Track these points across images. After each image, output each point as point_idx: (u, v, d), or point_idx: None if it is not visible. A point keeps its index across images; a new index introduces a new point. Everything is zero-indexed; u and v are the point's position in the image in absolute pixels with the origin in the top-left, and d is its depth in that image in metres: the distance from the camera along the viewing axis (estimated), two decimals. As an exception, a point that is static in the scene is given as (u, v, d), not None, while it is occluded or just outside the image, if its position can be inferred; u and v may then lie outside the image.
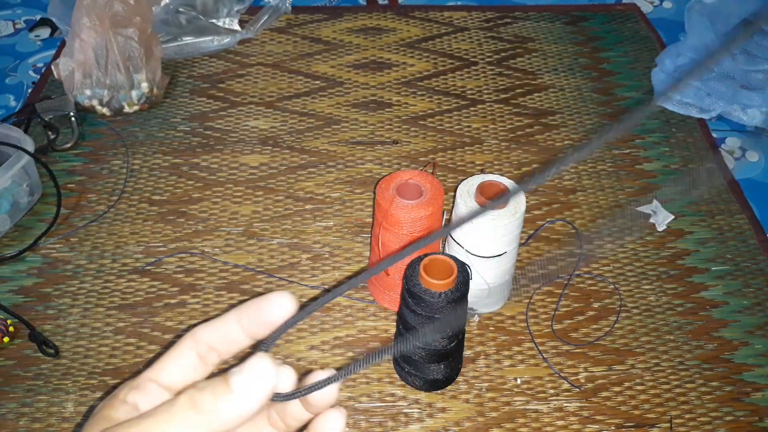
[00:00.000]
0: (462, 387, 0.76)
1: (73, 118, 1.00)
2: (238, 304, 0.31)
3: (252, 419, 0.29)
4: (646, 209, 0.94)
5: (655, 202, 0.94)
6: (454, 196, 0.77)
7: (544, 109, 1.08)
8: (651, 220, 0.93)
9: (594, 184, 0.98)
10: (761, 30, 1.12)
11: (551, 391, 0.76)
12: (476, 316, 0.82)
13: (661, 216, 0.93)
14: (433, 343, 0.71)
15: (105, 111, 1.04)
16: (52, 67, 1.05)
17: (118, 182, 0.96)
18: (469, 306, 0.79)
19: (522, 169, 0.99)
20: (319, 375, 0.30)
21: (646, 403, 0.75)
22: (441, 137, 1.03)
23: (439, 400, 0.75)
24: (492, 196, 0.74)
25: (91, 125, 1.04)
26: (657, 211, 0.93)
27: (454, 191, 0.78)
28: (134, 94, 1.04)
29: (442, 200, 0.76)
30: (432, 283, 0.67)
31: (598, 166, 1.00)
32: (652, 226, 0.92)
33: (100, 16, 0.98)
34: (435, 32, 1.21)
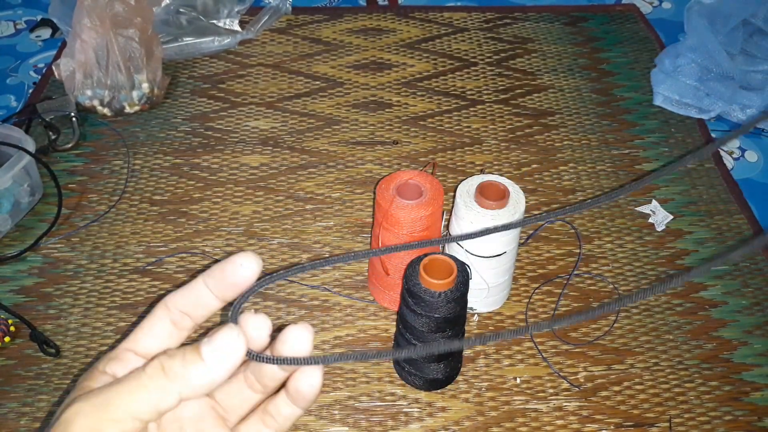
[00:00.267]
0: (462, 386, 0.76)
1: (74, 119, 1.00)
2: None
3: (227, 382, 0.29)
4: (645, 209, 0.94)
5: (654, 203, 0.95)
6: (454, 196, 0.78)
7: (543, 109, 1.09)
8: (650, 221, 0.93)
9: (593, 185, 0.98)
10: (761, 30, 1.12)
11: (551, 391, 0.76)
12: (476, 315, 0.82)
13: (660, 216, 0.93)
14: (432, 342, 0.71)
15: (106, 111, 1.05)
16: (53, 68, 1.05)
17: (119, 182, 0.96)
18: (469, 306, 0.80)
19: (521, 170, 0.99)
20: (293, 330, 0.31)
21: (646, 403, 0.75)
22: (441, 137, 1.04)
23: (439, 400, 0.75)
24: (491, 197, 0.75)
25: (92, 125, 1.04)
26: (656, 211, 0.94)
27: (454, 191, 0.78)
28: (135, 95, 1.04)
29: (441, 200, 0.76)
30: (432, 282, 0.68)
31: (598, 167, 1.00)
32: (651, 226, 0.92)
33: (101, 16, 0.98)
34: (435, 33, 1.22)
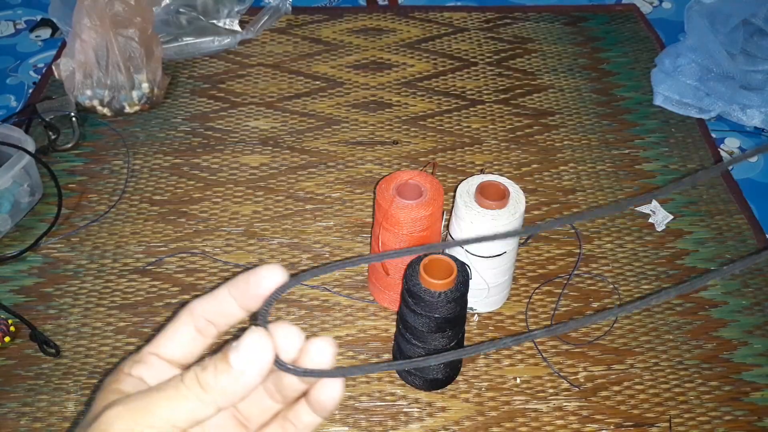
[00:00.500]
0: (462, 386, 0.76)
1: (74, 119, 1.00)
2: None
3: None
4: (645, 209, 0.94)
5: (654, 203, 0.95)
6: (454, 196, 0.78)
7: (543, 109, 1.09)
8: (650, 220, 0.93)
9: (593, 184, 0.98)
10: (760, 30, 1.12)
11: (551, 391, 0.76)
12: (476, 315, 0.82)
13: (660, 216, 0.93)
14: (432, 342, 0.71)
15: (106, 111, 1.05)
16: (53, 68, 1.05)
17: (118, 182, 0.96)
18: (469, 306, 0.80)
19: (522, 170, 0.99)
20: (316, 343, 0.31)
21: (645, 403, 0.75)
22: (441, 137, 1.04)
23: (439, 400, 0.75)
24: (491, 197, 0.75)
25: (92, 125, 1.04)
26: (656, 211, 0.94)
27: (454, 191, 0.78)
28: (135, 95, 1.04)
29: (441, 200, 0.76)
30: (432, 282, 0.68)
31: (598, 167, 1.00)
32: (651, 226, 0.92)
33: (101, 16, 0.98)
34: (435, 33, 1.22)
